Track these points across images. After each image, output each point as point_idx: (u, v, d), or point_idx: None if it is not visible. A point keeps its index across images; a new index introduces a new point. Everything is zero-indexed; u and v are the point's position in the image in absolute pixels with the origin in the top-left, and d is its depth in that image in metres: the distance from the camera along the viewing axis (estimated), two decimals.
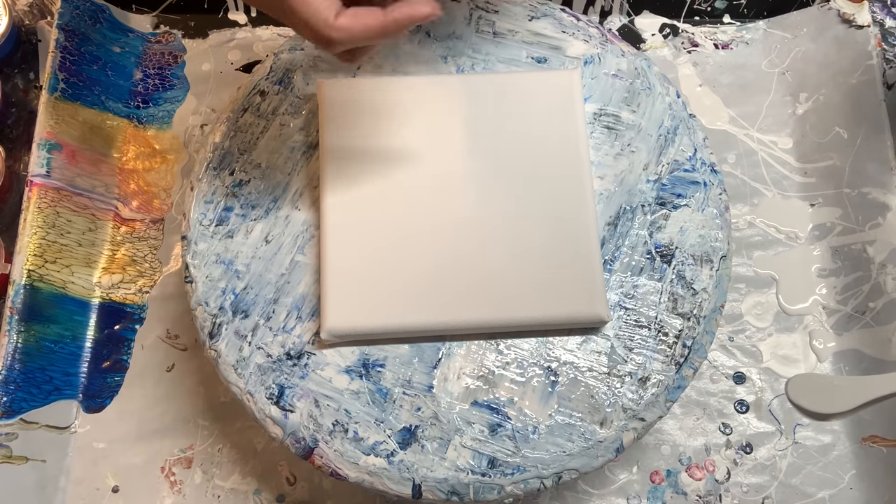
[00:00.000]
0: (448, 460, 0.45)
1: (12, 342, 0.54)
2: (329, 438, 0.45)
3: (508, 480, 0.45)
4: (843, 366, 0.57)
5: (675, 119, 0.52)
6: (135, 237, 0.60)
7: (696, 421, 0.56)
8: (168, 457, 0.55)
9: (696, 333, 0.47)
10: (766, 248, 0.60)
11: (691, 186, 0.50)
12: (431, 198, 0.48)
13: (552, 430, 0.45)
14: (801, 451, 0.55)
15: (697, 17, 0.67)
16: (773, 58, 0.66)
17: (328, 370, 0.46)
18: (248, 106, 0.53)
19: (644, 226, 0.49)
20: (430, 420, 0.45)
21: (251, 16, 0.67)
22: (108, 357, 0.57)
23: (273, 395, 0.46)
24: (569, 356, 0.47)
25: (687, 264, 0.49)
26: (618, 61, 0.54)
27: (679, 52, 0.66)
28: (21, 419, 0.53)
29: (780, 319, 0.58)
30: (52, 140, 0.59)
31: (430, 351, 0.47)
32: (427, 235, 0.48)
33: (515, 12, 0.55)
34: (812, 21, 0.65)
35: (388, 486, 0.45)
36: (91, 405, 0.56)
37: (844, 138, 0.62)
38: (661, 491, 0.54)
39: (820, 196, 0.61)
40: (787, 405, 0.56)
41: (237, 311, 0.48)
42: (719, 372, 0.57)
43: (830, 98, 0.63)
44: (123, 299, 0.59)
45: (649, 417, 0.46)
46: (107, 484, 0.54)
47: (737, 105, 0.65)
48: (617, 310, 0.48)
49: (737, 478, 0.55)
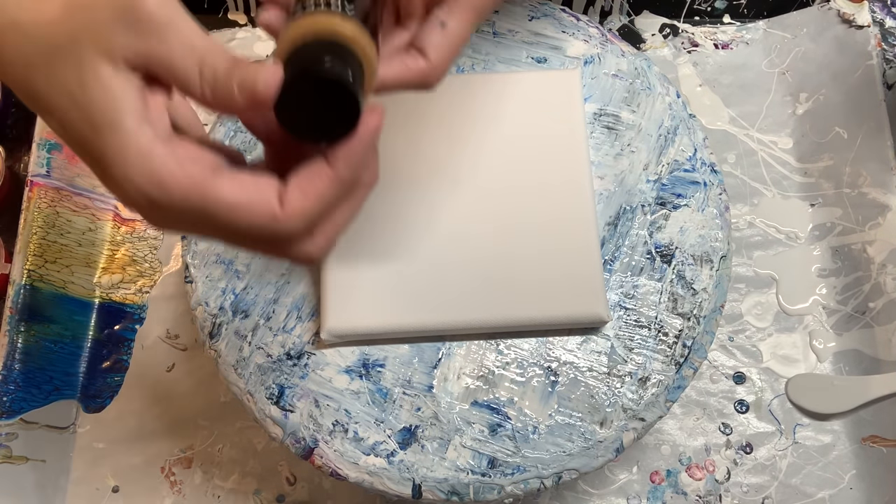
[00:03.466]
0: (448, 460, 0.45)
1: (12, 342, 0.54)
2: (329, 438, 0.45)
3: (508, 480, 0.45)
4: (843, 366, 0.57)
5: (675, 119, 0.52)
6: (135, 237, 0.60)
7: (696, 421, 0.56)
8: (168, 457, 0.55)
9: (696, 333, 0.47)
10: (766, 248, 0.60)
11: (691, 186, 0.50)
12: (431, 197, 0.48)
13: (552, 430, 0.45)
14: (801, 451, 0.55)
15: (697, 17, 0.68)
16: (773, 58, 0.66)
17: (328, 370, 0.46)
18: None
19: (644, 226, 0.49)
20: (430, 420, 0.45)
21: (251, 16, 0.67)
22: (108, 357, 0.57)
23: (273, 395, 0.46)
24: (569, 356, 0.47)
25: (687, 264, 0.49)
26: (618, 61, 0.54)
27: (679, 52, 0.66)
28: (21, 419, 0.53)
29: (780, 319, 0.58)
30: (52, 140, 0.59)
31: (430, 351, 0.47)
32: (427, 235, 0.48)
33: (515, 12, 0.55)
34: (812, 21, 0.65)
35: (388, 486, 0.45)
36: (91, 405, 0.56)
37: (844, 138, 0.62)
38: (661, 491, 0.54)
39: (820, 196, 0.61)
40: (787, 405, 0.56)
41: (237, 311, 0.48)
42: (719, 372, 0.57)
43: (830, 98, 0.63)
44: (123, 299, 0.59)
45: (649, 417, 0.46)
46: (107, 484, 0.54)
47: (737, 105, 0.65)
48: (617, 310, 0.48)
49: (737, 478, 0.55)
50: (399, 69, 0.34)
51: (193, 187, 0.27)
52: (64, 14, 0.28)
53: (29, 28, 0.28)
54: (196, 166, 0.28)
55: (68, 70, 0.28)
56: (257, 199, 0.28)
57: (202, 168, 0.28)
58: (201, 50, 0.29)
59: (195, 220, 0.28)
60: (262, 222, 0.28)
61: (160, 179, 0.27)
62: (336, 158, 0.28)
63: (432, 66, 0.34)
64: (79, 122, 0.28)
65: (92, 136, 0.28)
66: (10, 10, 0.28)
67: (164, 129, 0.28)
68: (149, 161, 0.27)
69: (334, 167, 0.28)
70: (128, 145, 0.27)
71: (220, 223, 0.28)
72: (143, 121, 0.28)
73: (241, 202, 0.27)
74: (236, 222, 0.28)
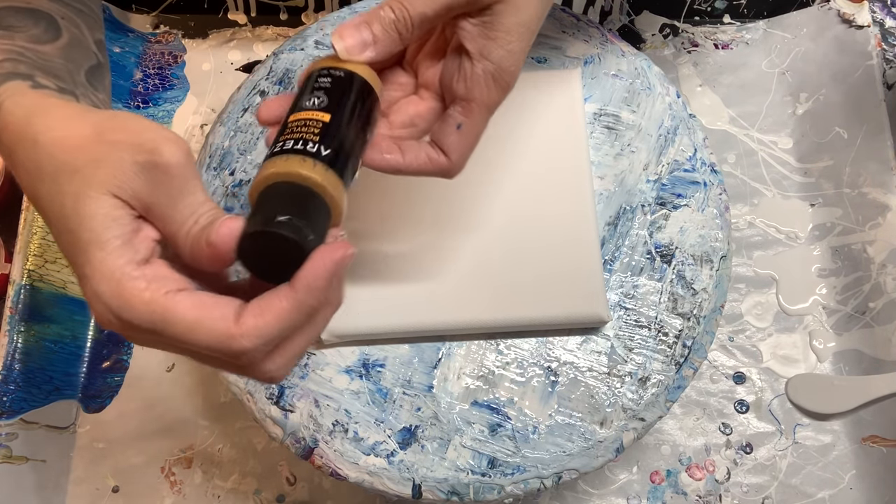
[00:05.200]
0: (448, 460, 0.45)
1: (12, 342, 0.54)
2: (329, 438, 0.45)
3: (508, 480, 0.45)
4: (843, 366, 0.57)
5: (675, 119, 0.52)
6: None
7: (696, 421, 0.56)
8: (168, 457, 0.55)
9: (696, 333, 0.47)
10: (766, 248, 0.60)
11: (691, 186, 0.50)
12: (431, 197, 0.48)
13: (552, 430, 0.45)
14: (801, 451, 0.55)
15: (697, 17, 0.67)
16: (773, 58, 0.66)
17: (328, 370, 0.46)
18: (248, 106, 0.53)
19: (644, 226, 0.49)
20: (430, 420, 0.45)
21: (251, 16, 0.67)
22: (108, 357, 0.57)
23: (273, 395, 0.46)
24: (569, 356, 0.47)
25: (687, 264, 0.49)
26: (618, 61, 0.54)
27: (679, 52, 0.66)
28: (21, 419, 0.53)
29: (780, 319, 0.58)
30: None
31: (430, 351, 0.47)
32: (426, 235, 0.48)
33: None
34: (812, 21, 0.65)
35: (388, 486, 0.45)
36: (91, 405, 0.56)
37: (844, 138, 0.62)
38: (661, 491, 0.54)
39: (820, 196, 0.61)
40: (787, 405, 0.56)
41: None
42: (719, 372, 0.57)
43: (830, 98, 0.63)
44: None
45: (649, 417, 0.46)
46: (107, 484, 0.54)
47: (737, 105, 0.65)
48: (617, 310, 0.48)
49: (737, 478, 0.54)
50: (423, 162, 0.37)
51: (155, 305, 0.29)
52: (91, 145, 0.31)
53: (52, 149, 0.31)
54: (161, 285, 0.29)
55: (73, 185, 0.30)
56: (214, 316, 0.29)
57: (167, 287, 0.29)
58: (198, 217, 0.31)
59: (158, 336, 0.29)
60: (217, 339, 0.29)
61: (126, 297, 0.29)
62: (298, 283, 0.29)
63: (452, 163, 0.37)
64: (66, 233, 0.30)
65: (74, 249, 0.30)
66: (36, 129, 0.31)
67: (144, 253, 0.30)
68: (118, 280, 0.29)
69: (295, 291, 0.29)
70: (104, 263, 0.29)
71: (180, 340, 0.29)
72: (126, 244, 0.30)
73: (198, 319, 0.29)
74: (194, 339, 0.29)
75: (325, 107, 0.34)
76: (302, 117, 0.33)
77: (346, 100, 0.34)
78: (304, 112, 0.34)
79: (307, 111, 0.34)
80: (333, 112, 0.33)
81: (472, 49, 0.36)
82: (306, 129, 0.33)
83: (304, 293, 0.29)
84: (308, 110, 0.34)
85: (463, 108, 0.37)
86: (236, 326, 0.29)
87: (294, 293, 0.29)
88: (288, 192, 0.31)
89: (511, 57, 0.36)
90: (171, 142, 0.30)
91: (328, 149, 0.32)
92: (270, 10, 0.67)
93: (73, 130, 0.31)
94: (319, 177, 0.31)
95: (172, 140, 0.31)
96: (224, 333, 0.28)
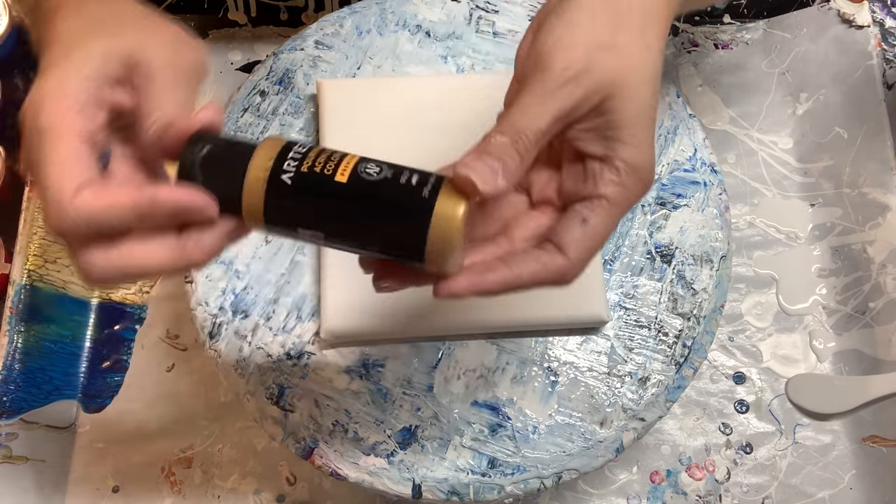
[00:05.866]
0: (448, 460, 0.45)
1: (12, 342, 0.54)
2: (329, 438, 0.45)
3: (508, 480, 0.45)
4: (843, 366, 0.57)
5: (675, 119, 0.52)
6: None
7: (696, 421, 0.56)
8: (168, 457, 0.55)
9: (696, 333, 0.47)
10: (766, 248, 0.60)
11: (691, 186, 0.50)
12: None
13: (552, 430, 0.45)
14: (801, 451, 0.55)
15: (697, 17, 0.67)
16: (773, 58, 0.66)
17: (328, 370, 0.46)
18: (248, 106, 0.53)
19: (644, 226, 0.49)
20: (430, 420, 0.45)
21: (251, 16, 0.67)
22: (108, 357, 0.57)
23: (273, 395, 0.46)
24: (569, 356, 0.47)
25: (687, 264, 0.49)
26: None
27: (679, 52, 0.66)
28: (21, 419, 0.53)
29: (780, 319, 0.58)
30: None
31: (430, 351, 0.47)
32: None
33: (515, 12, 0.55)
34: (812, 21, 0.65)
35: (388, 486, 0.45)
36: (91, 405, 0.56)
37: (844, 138, 0.62)
38: (661, 491, 0.54)
39: (820, 196, 0.61)
40: (787, 405, 0.56)
41: (237, 311, 0.48)
42: (719, 372, 0.57)
43: (830, 98, 0.63)
44: (123, 299, 0.59)
45: (649, 417, 0.46)
46: (107, 484, 0.54)
47: (737, 105, 0.65)
48: (617, 310, 0.48)
49: (737, 478, 0.54)
50: (535, 268, 0.32)
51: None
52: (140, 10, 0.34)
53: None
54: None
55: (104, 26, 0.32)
56: (64, 177, 0.28)
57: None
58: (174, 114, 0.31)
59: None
60: (50, 204, 0.27)
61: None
62: (147, 190, 0.28)
63: (571, 263, 0.32)
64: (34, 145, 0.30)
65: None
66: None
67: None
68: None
69: (141, 192, 0.28)
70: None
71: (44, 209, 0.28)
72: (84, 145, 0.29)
73: (57, 178, 0.28)
74: (44, 206, 0.28)
75: (369, 171, 0.31)
76: (343, 153, 0.31)
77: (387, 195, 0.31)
78: (352, 156, 0.31)
79: (354, 157, 0.31)
80: (369, 180, 0.31)
81: (596, 152, 0.32)
82: (325, 156, 0.31)
83: (146, 200, 0.28)
84: (357, 157, 0.31)
85: (591, 203, 0.32)
86: (71, 195, 0.27)
87: (139, 193, 0.28)
88: (237, 150, 0.31)
89: (640, 153, 0.32)
90: (203, 59, 0.34)
91: (295, 173, 0.30)
92: (270, 10, 0.67)
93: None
94: (263, 167, 0.30)
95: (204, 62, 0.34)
96: (57, 199, 0.27)
